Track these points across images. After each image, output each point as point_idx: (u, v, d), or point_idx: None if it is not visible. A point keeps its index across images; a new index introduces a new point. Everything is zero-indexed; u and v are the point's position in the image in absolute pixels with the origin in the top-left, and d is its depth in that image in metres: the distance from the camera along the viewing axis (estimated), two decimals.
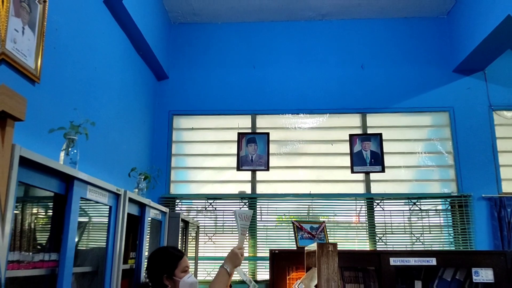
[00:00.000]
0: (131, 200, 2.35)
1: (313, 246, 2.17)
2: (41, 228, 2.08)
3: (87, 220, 2.32)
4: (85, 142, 2.14)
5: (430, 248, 4.16)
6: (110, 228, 2.10)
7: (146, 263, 2.36)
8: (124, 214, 2.21)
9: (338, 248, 1.91)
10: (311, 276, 2.30)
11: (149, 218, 2.70)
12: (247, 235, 2.35)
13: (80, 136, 1.98)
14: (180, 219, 3.22)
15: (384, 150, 4.43)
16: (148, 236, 2.88)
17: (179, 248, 3.14)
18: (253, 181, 4.53)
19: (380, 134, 4.46)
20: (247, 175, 4.55)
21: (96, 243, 2.31)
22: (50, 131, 1.86)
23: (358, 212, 4.35)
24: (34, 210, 2.03)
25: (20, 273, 1.54)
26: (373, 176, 4.44)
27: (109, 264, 2.06)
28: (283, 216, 4.41)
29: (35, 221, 2.04)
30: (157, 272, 2.21)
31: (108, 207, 2.08)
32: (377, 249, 4.20)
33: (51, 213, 1.99)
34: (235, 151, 4.55)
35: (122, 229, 2.19)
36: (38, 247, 2.05)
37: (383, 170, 4.37)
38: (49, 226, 1.98)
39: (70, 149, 1.79)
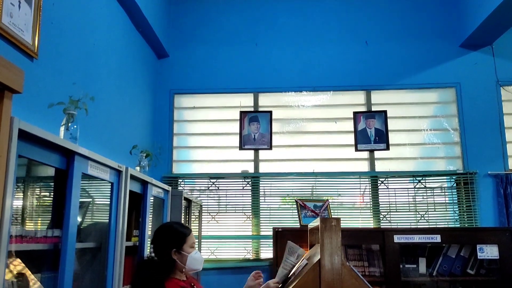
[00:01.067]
0: (133, 178, 2.32)
1: (316, 222, 2.14)
2: (44, 205, 2.05)
3: (90, 200, 2.29)
4: (85, 119, 2.10)
5: (434, 226, 4.14)
6: (112, 204, 2.08)
7: (151, 238, 2.34)
8: (126, 191, 2.18)
9: (342, 226, 1.88)
10: (315, 252, 2.27)
11: (152, 196, 2.67)
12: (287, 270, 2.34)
13: (80, 112, 1.94)
14: (183, 198, 3.20)
15: (389, 128, 4.37)
16: (151, 215, 2.86)
17: None
18: (256, 160, 4.50)
19: (385, 112, 4.40)
20: (249, 154, 4.51)
21: (99, 220, 2.29)
22: (50, 106, 1.81)
23: (362, 191, 4.32)
24: (36, 187, 2.01)
25: (23, 247, 1.52)
26: (377, 154, 4.40)
27: (112, 240, 2.04)
28: (287, 197, 4.38)
29: (37, 197, 2.02)
30: (166, 247, 2.19)
31: (110, 183, 2.05)
32: (381, 226, 4.18)
33: (52, 189, 1.96)
34: (238, 130, 4.50)
35: (125, 206, 2.17)
36: (41, 223, 2.03)
37: (387, 148, 4.33)
38: (51, 202, 1.96)
39: (70, 124, 1.75)
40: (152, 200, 2.79)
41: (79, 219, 1.89)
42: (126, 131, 3.63)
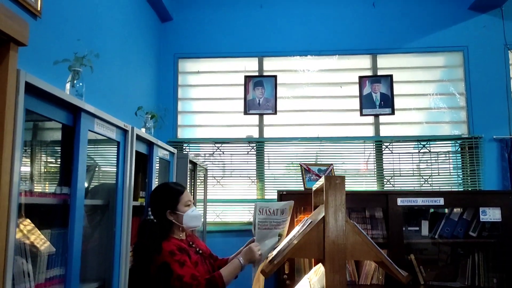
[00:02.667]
0: (139, 138, 2.33)
1: (320, 181, 2.15)
2: (51, 167, 2.08)
3: (96, 164, 2.31)
4: (90, 78, 2.10)
5: (438, 190, 4.17)
6: (119, 164, 2.10)
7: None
8: (132, 150, 2.20)
9: (345, 190, 1.89)
10: (319, 211, 2.30)
11: (158, 158, 2.69)
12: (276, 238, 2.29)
13: (85, 72, 1.93)
14: (188, 160, 3.22)
15: (395, 92, 4.34)
16: (157, 177, 2.89)
17: (187, 188, 3.16)
18: (261, 125, 4.50)
19: (391, 76, 4.35)
20: (254, 119, 4.51)
21: (107, 180, 2.32)
22: (55, 63, 1.81)
23: (366, 159, 4.33)
24: (43, 150, 2.02)
25: (33, 200, 1.55)
26: (382, 119, 4.39)
27: (119, 198, 2.07)
28: (291, 164, 4.39)
29: (45, 160, 2.04)
30: (161, 208, 2.23)
31: (116, 142, 2.07)
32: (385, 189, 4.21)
33: (59, 151, 1.98)
34: (242, 95, 4.48)
35: (131, 166, 2.19)
36: (49, 185, 2.06)
37: (393, 113, 4.31)
38: (59, 164, 1.98)
39: (75, 81, 1.75)
40: (158, 162, 2.81)
41: (86, 183, 1.92)
42: (130, 93, 3.63)
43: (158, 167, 2.84)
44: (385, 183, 4.26)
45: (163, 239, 2.15)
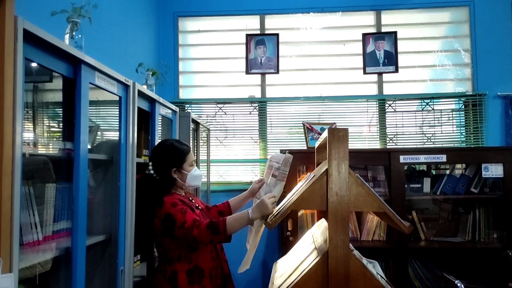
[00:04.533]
0: (140, 94, 2.32)
1: (323, 136, 2.15)
2: (55, 118, 2.07)
3: (98, 125, 2.30)
4: (89, 32, 2.05)
5: (441, 146, 4.17)
6: (121, 119, 2.09)
7: (149, 155, 2.38)
8: (134, 106, 2.19)
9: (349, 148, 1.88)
10: (322, 166, 2.31)
11: (160, 115, 2.68)
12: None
13: (84, 24, 1.89)
14: (191, 119, 3.21)
15: (399, 50, 4.27)
16: (160, 136, 2.89)
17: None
18: (263, 85, 4.46)
19: (395, 33, 4.27)
20: (256, 78, 4.46)
21: (110, 137, 2.32)
22: (52, 14, 1.76)
23: (369, 118, 4.30)
24: (44, 110, 2.00)
25: (35, 150, 1.55)
26: (386, 77, 4.34)
27: (123, 154, 2.07)
28: (293, 127, 4.37)
29: (48, 115, 2.03)
30: (166, 165, 2.23)
31: (118, 97, 2.05)
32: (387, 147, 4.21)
33: (61, 111, 1.97)
34: (244, 54, 4.42)
35: (134, 121, 2.18)
36: (53, 137, 2.06)
37: (396, 71, 4.26)
38: (61, 114, 1.98)
39: (74, 33, 1.71)
40: (161, 121, 2.81)
41: (89, 143, 1.91)
42: (130, 50, 3.58)
43: (160, 126, 2.84)
44: (387, 142, 4.26)
45: (165, 194, 2.18)
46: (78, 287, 1.64)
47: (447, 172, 3.73)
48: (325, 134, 1.97)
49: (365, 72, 4.30)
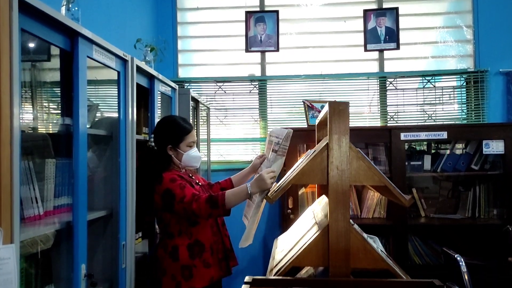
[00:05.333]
0: (139, 70, 2.29)
1: (324, 111, 2.13)
2: (52, 95, 2.05)
3: (98, 103, 2.29)
4: (85, 5, 2.02)
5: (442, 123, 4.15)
6: (120, 95, 2.07)
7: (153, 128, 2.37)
8: (133, 82, 2.16)
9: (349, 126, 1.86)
10: (323, 142, 2.29)
11: (159, 92, 2.66)
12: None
13: None
14: (190, 97, 3.19)
15: (400, 26, 4.21)
16: (160, 114, 2.88)
17: None
18: (263, 63, 4.42)
19: (396, 9, 4.20)
20: (256, 56, 4.42)
21: (109, 113, 2.31)
22: None
23: (370, 96, 4.27)
24: (43, 79, 1.98)
25: (35, 124, 1.54)
26: (387, 54, 4.29)
27: (122, 130, 2.06)
28: (294, 107, 4.34)
29: (45, 88, 2.01)
30: (163, 141, 2.23)
31: (116, 72, 2.03)
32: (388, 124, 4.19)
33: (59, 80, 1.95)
34: (243, 32, 4.36)
35: (133, 97, 2.16)
36: (51, 114, 2.05)
37: (398, 48, 4.21)
38: (60, 92, 1.96)
39: (70, 5, 1.68)
40: (160, 98, 2.79)
41: (88, 124, 1.89)
42: (128, 26, 3.54)
43: (160, 104, 2.82)
44: (388, 120, 4.24)
45: (163, 170, 2.18)
46: (80, 261, 1.65)
47: (448, 152, 3.72)
48: (325, 108, 1.95)
49: (366, 49, 4.25)
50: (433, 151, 3.81)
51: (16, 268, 1.13)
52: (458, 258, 2.33)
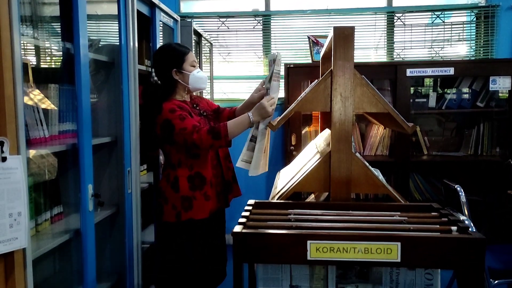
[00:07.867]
0: None
1: (329, 37, 2.08)
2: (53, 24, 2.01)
3: (99, 39, 2.24)
4: None
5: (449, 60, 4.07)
6: (121, 21, 2.03)
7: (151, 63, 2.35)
8: (133, 8, 2.11)
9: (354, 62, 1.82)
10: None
11: (161, 22, 2.60)
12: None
13: None
14: (193, 30, 3.12)
15: None
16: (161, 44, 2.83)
17: None
18: None
19: None
20: None
21: (110, 42, 2.27)
22: None
23: (377, 32, 4.15)
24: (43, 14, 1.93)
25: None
26: None
27: (124, 56, 2.04)
28: (299, 38, 4.24)
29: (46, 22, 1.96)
30: (166, 67, 2.19)
31: None
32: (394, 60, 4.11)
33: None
34: None
35: (134, 24, 2.12)
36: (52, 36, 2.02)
37: None
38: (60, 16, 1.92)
39: None
40: (162, 30, 2.73)
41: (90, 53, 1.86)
42: None
43: (161, 35, 2.77)
44: (395, 56, 4.16)
45: (163, 100, 2.16)
46: (87, 182, 1.69)
47: (454, 90, 3.68)
48: (330, 34, 1.91)
49: None
50: (439, 91, 3.76)
51: (24, 179, 1.15)
52: (458, 189, 2.37)
